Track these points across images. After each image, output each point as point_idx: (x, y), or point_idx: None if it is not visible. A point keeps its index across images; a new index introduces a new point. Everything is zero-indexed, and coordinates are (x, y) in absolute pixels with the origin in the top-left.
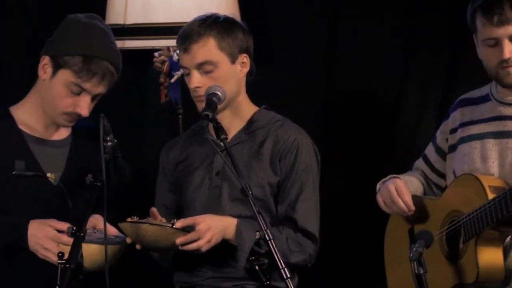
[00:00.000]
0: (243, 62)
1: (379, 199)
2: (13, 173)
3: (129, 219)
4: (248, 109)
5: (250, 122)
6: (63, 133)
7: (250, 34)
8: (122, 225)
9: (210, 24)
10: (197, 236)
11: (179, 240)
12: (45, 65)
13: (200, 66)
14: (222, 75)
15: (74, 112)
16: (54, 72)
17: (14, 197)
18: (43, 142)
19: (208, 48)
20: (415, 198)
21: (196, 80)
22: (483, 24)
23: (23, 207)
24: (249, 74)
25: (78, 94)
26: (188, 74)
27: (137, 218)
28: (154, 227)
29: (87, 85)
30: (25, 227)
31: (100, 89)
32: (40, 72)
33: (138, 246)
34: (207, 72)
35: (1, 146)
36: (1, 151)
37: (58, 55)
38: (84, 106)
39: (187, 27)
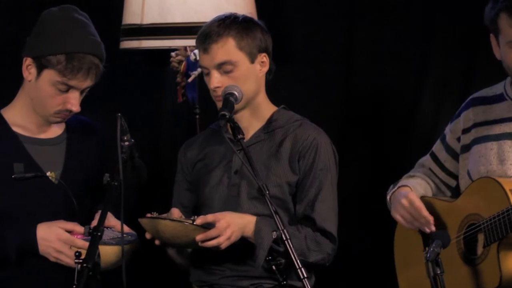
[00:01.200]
0: (262, 62)
1: (397, 217)
2: (13, 176)
3: (148, 215)
4: (267, 108)
5: (269, 121)
6: (57, 130)
7: (268, 34)
8: (142, 220)
9: (229, 24)
10: (217, 233)
11: (199, 237)
12: (28, 65)
13: (219, 66)
14: (241, 75)
15: (65, 109)
16: (39, 73)
17: (17, 201)
18: (38, 142)
19: (228, 48)
20: (429, 200)
21: (216, 80)
22: (510, 25)
23: (27, 210)
24: (268, 73)
25: (66, 91)
26: (208, 74)
27: (157, 214)
28: (175, 223)
29: (73, 82)
30: (33, 231)
31: (88, 83)
32: (25, 73)
33: (157, 242)
34: (226, 72)
35: None
36: None
37: (39, 56)
38: (74, 102)
39: (206, 27)
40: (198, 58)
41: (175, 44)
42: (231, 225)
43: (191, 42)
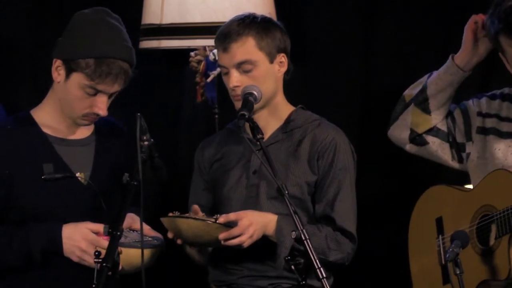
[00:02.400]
0: (281, 62)
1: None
2: (42, 177)
3: (170, 214)
4: (285, 108)
5: (287, 121)
6: (86, 131)
7: (287, 34)
8: (164, 219)
9: (249, 23)
10: (240, 232)
11: (222, 235)
12: (58, 67)
13: (239, 66)
14: (260, 75)
15: (92, 113)
16: (68, 75)
17: (46, 201)
18: (67, 143)
19: (248, 48)
20: (444, 188)
21: (235, 79)
22: (510, 45)
23: (56, 210)
24: (286, 73)
25: (94, 95)
26: (227, 73)
27: (178, 213)
28: (198, 221)
29: (101, 87)
30: (59, 232)
31: (116, 88)
32: (54, 74)
33: (179, 241)
34: (246, 72)
35: (28, 152)
36: (29, 156)
37: (69, 59)
38: (101, 106)
39: (226, 26)
40: (217, 58)
41: (194, 44)
42: (254, 224)
43: (210, 42)
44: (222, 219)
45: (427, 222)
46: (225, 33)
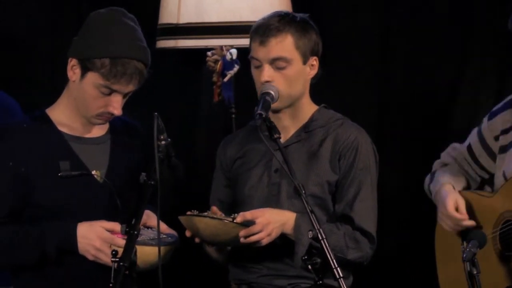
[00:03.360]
0: (312, 65)
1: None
2: (59, 174)
3: (188, 213)
4: (309, 108)
5: (310, 121)
6: (101, 130)
7: (320, 38)
8: (182, 218)
9: (289, 21)
10: (259, 229)
11: (242, 232)
12: (73, 66)
13: (273, 61)
14: (292, 74)
15: (107, 112)
16: (83, 74)
17: (63, 199)
18: (83, 140)
19: (286, 45)
20: (466, 194)
21: (267, 74)
22: None
23: (72, 208)
24: (313, 77)
25: (109, 94)
26: (259, 67)
27: (197, 212)
28: (215, 221)
29: (116, 86)
30: (74, 230)
31: (130, 88)
32: (69, 73)
33: (197, 240)
34: (279, 68)
35: (45, 149)
36: (45, 154)
37: (84, 58)
38: (116, 106)
39: (265, 20)
40: (234, 57)
41: (211, 44)
42: (272, 222)
43: (227, 41)
44: (239, 218)
45: (451, 231)
46: (265, 26)
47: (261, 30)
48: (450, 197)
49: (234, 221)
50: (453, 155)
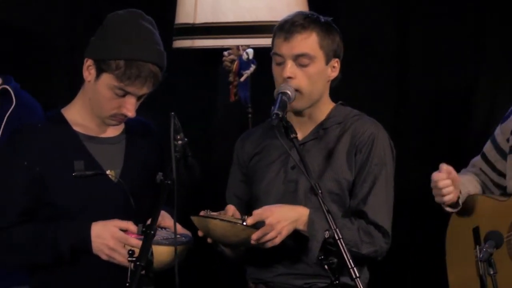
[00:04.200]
0: (333, 67)
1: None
2: (73, 174)
3: (202, 213)
4: (326, 107)
5: (327, 118)
6: (116, 130)
7: (343, 41)
8: (194, 218)
9: (314, 20)
10: (268, 230)
11: (255, 235)
12: (89, 66)
13: (297, 58)
14: (315, 72)
15: (120, 113)
16: (98, 75)
17: (77, 199)
18: (98, 140)
19: (310, 42)
20: (480, 198)
21: (290, 70)
22: None
23: (86, 207)
24: (333, 80)
25: (123, 96)
26: (281, 64)
27: (210, 212)
28: (224, 223)
29: (130, 89)
30: (87, 230)
31: (144, 91)
32: (85, 73)
33: (209, 240)
34: (302, 65)
35: (59, 149)
36: (60, 154)
37: (100, 59)
38: (130, 108)
39: (291, 17)
40: (250, 57)
41: (228, 43)
42: (282, 220)
43: (244, 41)
44: (249, 221)
45: (464, 232)
46: (290, 23)
47: (286, 26)
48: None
49: (244, 223)
50: (472, 170)
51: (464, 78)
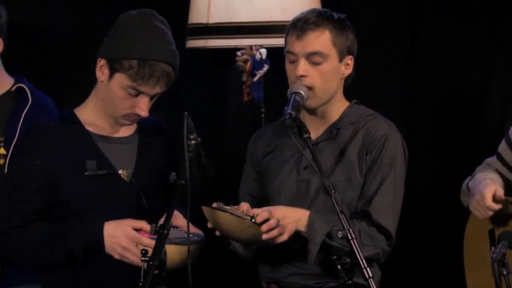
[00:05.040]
0: (347, 64)
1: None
2: (86, 173)
3: (214, 204)
4: (340, 106)
5: (341, 117)
6: (128, 130)
7: (356, 39)
8: (204, 208)
9: (327, 17)
10: (274, 224)
11: (265, 227)
12: (102, 66)
13: (309, 56)
14: (328, 70)
15: (133, 113)
16: (111, 75)
17: (90, 198)
18: (110, 140)
19: (323, 40)
20: (498, 199)
21: (303, 68)
22: None
23: (98, 207)
24: (347, 78)
25: (136, 96)
26: (294, 62)
27: (223, 205)
28: (233, 217)
29: (143, 88)
30: (100, 229)
31: (157, 90)
32: (98, 73)
33: (217, 233)
34: (315, 64)
35: (72, 148)
36: (72, 153)
37: (113, 59)
38: (143, 107)
39: (303, 15)
40: (263, 57)
41: (241, 43)
42: (286, 217)
43: (257, 41)
44: (258, 219)
45: (481, 234)
46: (303, 21)
47: (299, 24)
48: (490, 187)
49: (252, 220)
50: (488, 168)
51: (477, 76)
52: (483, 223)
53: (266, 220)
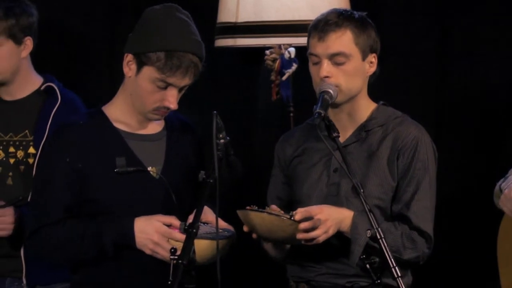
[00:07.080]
0: (371, 62)
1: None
2: (115, 170)
3: (248, 208)
4: (367, 107)
5: (369, 119)
6: (157, 127)
7: (379, 36)
8: (240, 212)
9: (348, 17)
10: (317, 224)
11: (302, 225)
12: (129, 62)
13: (332, 57)
14: (351, 69)
15: (163, 106)
16: (139, 69)
17: (118, 195)
18: (139, 137)
19: (345, 40)
20: None
21: (326, 70)
22: None
23: (127, 204)
24: (372, 76)
25: (165, 88)
26: (317, 63)
27: (256, 207)
28: (272, 216)
29: (172, 80)
30: (131, 225)
31: (186, 81)
32: (125, 69)
33: (254, 235)
34: (338, 64)
35: (101, 146)
36: (101, 150)
37: (140, 53)
38: (172, 100)
39: (324, 16)
40: (292, 56)
41: (270, 42)
42: (330, 219)
43: (286, 40)
44: (298, 216)
45: None
46: (323, 22)
47: (320, 26)
48: None
49: (292, 218)
50: None
51: (505, 78)
52: None
53: (306, 219)
